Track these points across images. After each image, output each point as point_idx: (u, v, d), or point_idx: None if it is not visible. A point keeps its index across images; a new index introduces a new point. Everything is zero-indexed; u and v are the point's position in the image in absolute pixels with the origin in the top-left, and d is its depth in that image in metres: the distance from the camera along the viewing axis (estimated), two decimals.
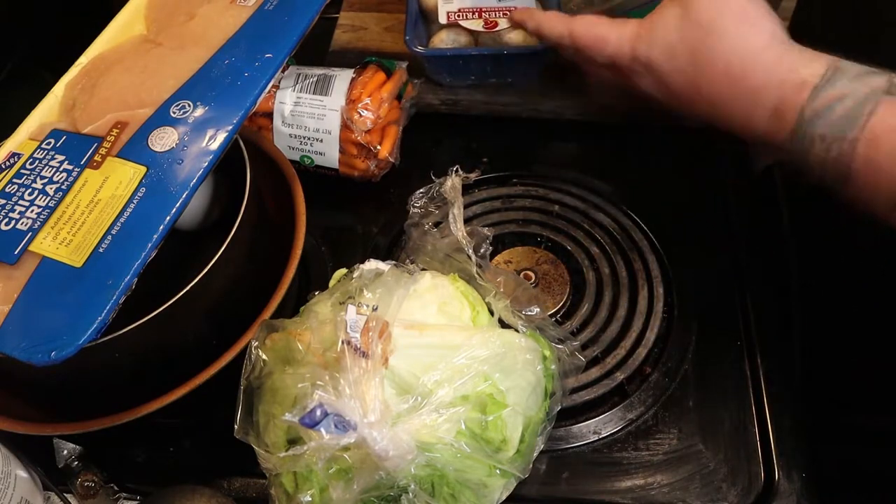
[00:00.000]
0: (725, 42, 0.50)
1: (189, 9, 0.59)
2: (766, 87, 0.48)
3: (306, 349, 0.47)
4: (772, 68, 0.48)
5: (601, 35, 0.55)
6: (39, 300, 0.46)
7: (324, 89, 0.70)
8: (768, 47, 0.49)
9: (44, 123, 0.55)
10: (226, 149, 0.51)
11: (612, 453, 0.57)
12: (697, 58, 0.51)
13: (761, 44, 0.49)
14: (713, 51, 0.50)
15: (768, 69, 0.48)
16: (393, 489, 0.45)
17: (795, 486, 0.54)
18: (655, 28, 0.53)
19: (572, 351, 0.54)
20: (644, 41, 0.53)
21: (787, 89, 0.47)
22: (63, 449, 0.53)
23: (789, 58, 0.48)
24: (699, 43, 0.50)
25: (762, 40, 0.49)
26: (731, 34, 0.49)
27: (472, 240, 0.57)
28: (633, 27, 0.54)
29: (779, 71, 0.48)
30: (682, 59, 0.51)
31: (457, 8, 0.76)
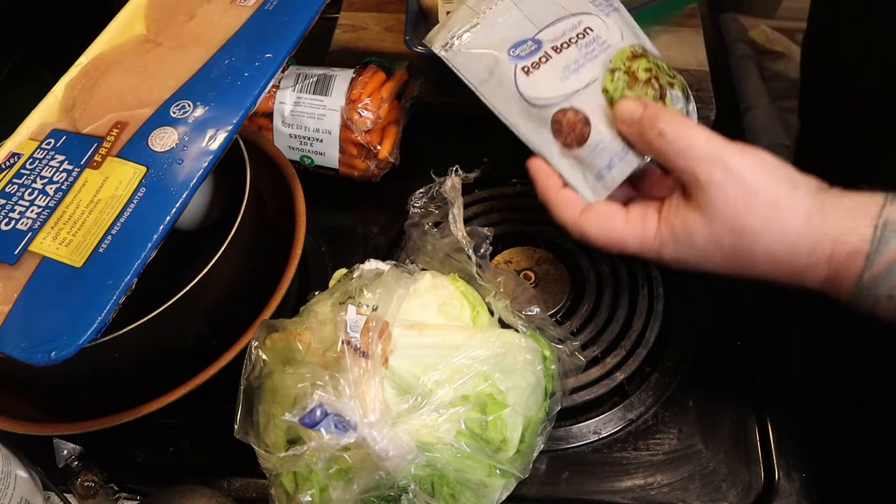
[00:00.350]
0: (762, 239, 0.47)
1: (189, 9, 0.59)
2: (816, 265, 0.46)
3: (306, 349, 0.47)
4: (817, 246, 0.46)
5: (618, 240, 0.51)
6: (39, 300, 0.46)
7: (324, 89, 0.70)
8: (807, 225, 0.46)
9: (44, 123, 0.55)
10: (226, 149, 0.51)
11: (612, 453, 0.57)
12: (735, 255, 0.48)
13: (799, 225, 0.46)
14: (751, 246, 0.47)
15: (814, 248, 0.46)
16: (393, 489, 0.45)
17: (795, 486, 0.54)
18: (679, 235, 0.49)
19: (572, 351, 0.54)
20: (670, 247, 0.50)
21: (839, 261, 0.45)
22: (63, 449, 0.53)
23: (833, 228, 0.45)
24: (734, 244, 0.47)
25: (799, 222, 0.46)
26: (765, 230, 0.46)
27: (472, 240, 0.57)
28: (652, 228, 0.50)
29: (825, 246, 0.45)
30: (717, 257, 0.49)
31: None
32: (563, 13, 0.55)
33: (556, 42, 0.54)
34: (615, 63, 0.53)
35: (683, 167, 0.48)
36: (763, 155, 0.47)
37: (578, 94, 0.53)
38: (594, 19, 0.55)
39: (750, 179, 0.46)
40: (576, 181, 0.53)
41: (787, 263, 0.47)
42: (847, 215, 0.45)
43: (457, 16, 0.57)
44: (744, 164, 0.47)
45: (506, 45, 0.54)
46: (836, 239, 0.45)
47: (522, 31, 0.54)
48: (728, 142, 0.48)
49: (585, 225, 0.52)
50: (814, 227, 0.46)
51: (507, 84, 0.54)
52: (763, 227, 0.46)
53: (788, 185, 0.47)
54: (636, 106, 0.51)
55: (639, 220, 0.51)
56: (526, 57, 0.54)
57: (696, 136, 0.48)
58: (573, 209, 0.53)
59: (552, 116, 0.53)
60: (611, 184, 0.52)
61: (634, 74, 0.53)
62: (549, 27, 0.54)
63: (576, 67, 0.53)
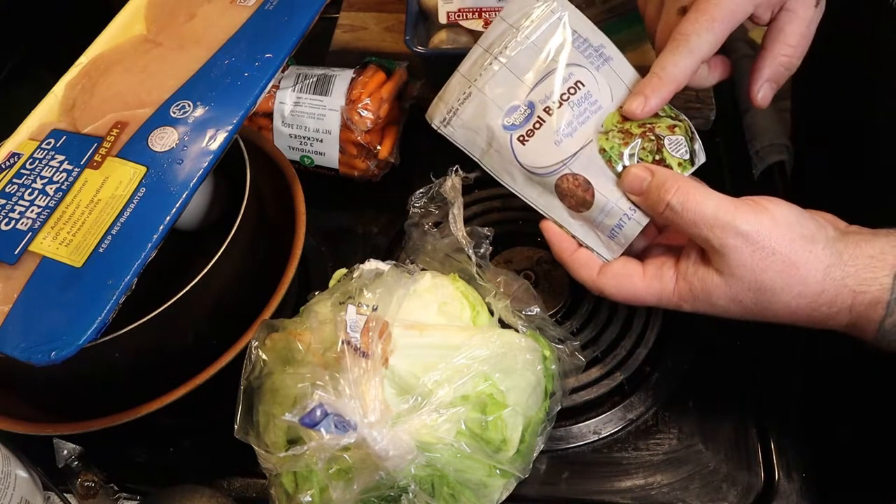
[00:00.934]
0: (781, 297, 0.47)
1: (189, 9, 0.59)
2: (838, 314, 0.47)
3: (306, 349, 0.47)
4: (837, 297, 0.46)
5: (638, 297, 0.52)
6: (39, 300, 0.46)
7: (324, 89, 0.70)
8: (826, 278, 0.46)
9: (44, 123, 0.55)
10: (226, 149, 0.51)
11: (612, 453, 0.57)
12: (755, 311, 0.49)
13: (818, 279, 0.46)
14: (771, 303, 0.48)
15: (834, 300, 0.46)
16: (393, 489, 0.45)
17: (795, 486, 0.54)
18: (698, 293, 0.50)
19: (572, 351, 0.54)
20: (689, 303, 0.51)
21: (860, 310, 0.46)
22: (63, 449, 0.53)
23: (852, 279, 0.46)
24: (754, 301, 0.48)
25: (818, 277, 0.46)
26: (785, 290, 0.47)
27: (472, 240, 0.57)
28: (670, 288, 0.51)
29: (845, 297, 0.46)
30: (736, 312, 0.49)
31: (457, 8, 0.76)
32: (552, 66, 0.54)
33: (548, 102, 0.53)
34: (607, 125, 0.53)
35: (697, 235, 0.48)
36: (778, 210, 0.47)
37: (576, 157, 0.52)
38: (584, 72, 0.54)
39: (766, 242, 0.46)
40: (589, 241, 0.54)
41: (808, 315, 0.47)
42: (866, 265, 0.46)
43: (451, 86, 0.56)
44: (759, 226, 0.47)
45: (500, 114, 0.54)
46: (855, 289, 0.46)
47: (514, 93, 0.54)
48: (740, 203, 0.48)
49: (603, 284, 0.53)
50: (833, 279, 0.46)
51: (505, 154, 0.54)
52: (783, 287, 0.47)
53: (806, 241, 0.47)
54: (641, 176, 0.50)
55: (656, 278, 0.51)
56: (520, 126, 0.54)
57: (706, 205, 0.47)
58: (590, 269, 0.53)
59: (554, 183, 0.53)
60: (624, 241, 0.53)
61: (628, 131, 0.52)
62: (540, 83, 0.54)
63: (569, 132, 0.53)
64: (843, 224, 0.50)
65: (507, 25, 0.55)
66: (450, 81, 0.57)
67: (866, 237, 0.47)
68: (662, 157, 0.52)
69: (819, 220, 0.48)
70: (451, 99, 0.56)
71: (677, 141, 0.53)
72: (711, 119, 0.76)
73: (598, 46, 0.54)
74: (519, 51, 0.54)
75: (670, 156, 0.52)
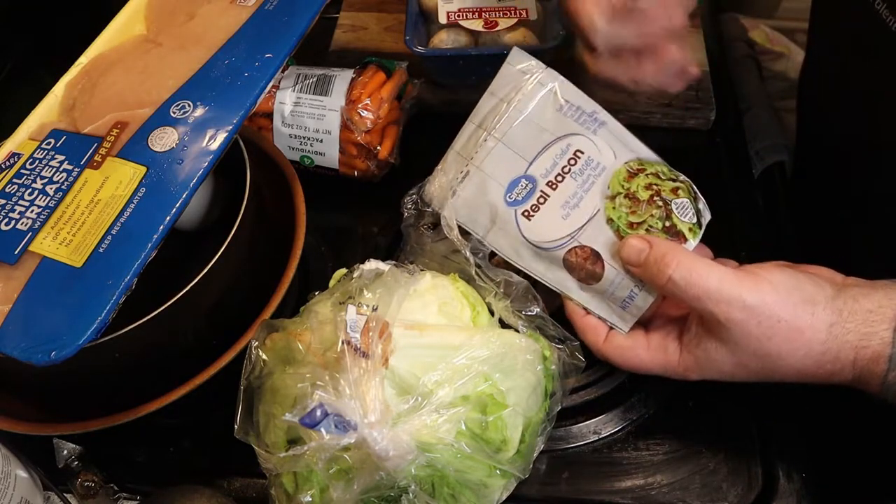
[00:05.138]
0: (787, 361, 0.48)
1: (189, 9, 0.59)
2: (842, 370, 0.47)
3: (306, 349, 0.47)
4: (840, 353, 0.47)
5: (643, 368, 0.53)
6: (39, 300, 0.46)
7: (324, 89, 0.70)
8: (829, 337, 0.47)
9: (44, 123, 0.55)
10: (226, 149, 0.51)
11: (612, 453, 0.57)
12: (761, 375, 0.49)
13: (822, 339, 0.47)
14: (778, 368, 0.48)
15: (837, 356, 0.47)
16: (393, 489, 0.45)
17: (795, 486, 0.54)
18: (703, 363, 0.50)
19: (572, 351, 0.54)
20: (695, 373, 0.51)
21: (862, 364, 0.47)
22: (63, 449, 0.53)
23: (853, 335, 0.47)
24: (760, 366, 0.49)
25: (822, 337, 0.47)
26: (790, 354, 0.47)
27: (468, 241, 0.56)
28: (675, 359, 0.51)
29: (847, 353, 0.47)
30: (742, 377, 0.50)
31: (457, 8, 0.76)
32: (549, 139, 0.54)
33: (550, 176, 0.53)
34: (613, 188, 0.53)
35: (702, 309, 0.48)
36: (776, 278, 0.48)
37: (583, 229, 0.52)
38: (582, 140, 0.53)
39: (771, 311, 0.47)
40: (602, 313, 0.54)
41: (813, 373, 0.48)
42: (865, 320, 0.47)
43: (447, 164, 0.56)
44: (762, 297, 0.47)
45: (501, 190, 0.54)
46: (857, 345, 0.46)
47: (514, 167, 0.54)
48: (741, 275, 0.48)
49: (608, 353, 0.54)
50: (835, 336, 0.47)
51: (511, 230, 0.54)
52: (788, 352, 0.47)
53: (808, 306, 0.47)
54: (639, 248, 0.50)
55: (660, 350, 0.52)
56: (524, 201, 0.53)
57: (709, 280, 0.47)
58: (597, 336, 0.54)
59: (563, 257, 0.53)
60: (636, 312, 0.53)
61: (635, 196, 0.52)
62: (538, 157, 0.53)
63: (575, 202, 0.53)
64: (839, 277, 0.50)
65: (497, 100, 0.55)
66: (445, 159, 0.57)
67: (864, 291, 0.48)
68: (673, 224, 0.52)
69: (816, 279, 0.49)
70: (449, 178, 0.55)
71: (683, 204, 0.52)
72: (711, 119, 0.76)
73: (591, 113, 0.54)
74: (513, 125, 0.54)
75: (680, 221, 0.52)
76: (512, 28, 0.74)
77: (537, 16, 0.76)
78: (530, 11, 0.75)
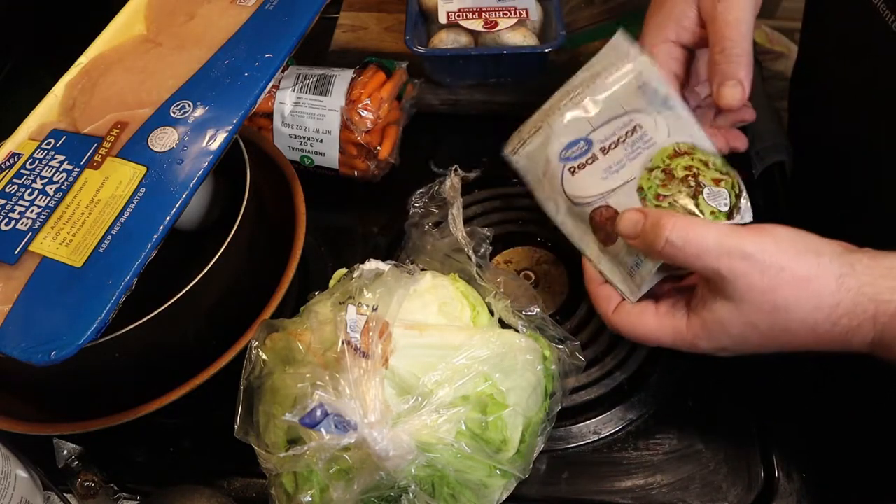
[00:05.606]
0: (797, 313, 0.46)
1: (189, 9, 0.59)
2: (860, 327, 0.45)
3: (306, 349, 0.47)
4: (856, 308, 0.45)
5: (652, 337, 0.52)
6: (39, 300, 0.46)
7: (324, 89, 0.70)
8: (841, 288, 0.45)
9: (44, 123, 0.55)
10: (226, 149, 0.51)
11: (612, 453, 0.57)
12: (772, 334, 0.47)
13: (832, 291, 0.45)
14: (787, 322, 0.46)
15: (853, 310, 0.45)
16: (393, 489, 0.45)
17: (795, 486, 0.54)
18: (711, 326, 0.49)
19: (572, 351, 0.54)
20: (704, 340, 0.50)
21: (883, 321, 0.44)
22: (63, 449, 0.53)
23: (870, 288, 0.44)
24: (769, 323, 0.47)
25: (831, 288, 0.45)
26: (798, 303, 0.45)
27: (472, 240, 0.57)
28: (683, 322, 0.50)
29: (865, 307, 0.44)
30: (754, 339, 0.48)
31: (457, 8, 0.76)
32: (619, 112, 0.55)
33: (606, 143, 0.55)
34: (655, 161, 0.53)
35: (703, 268, 0.47)
36: (779, 230, 0.47)
37: (615, 192, 0.53)
38: (645, 117, 0.54)
39: (773, 260, 0.46)
40: (615, 279, 0.55)
41: (828, 331, 0.46)
42: (886, 274, 0.45)
43: (530, 121, 0.59)
44: (764, 246, 0.46)
45: (560, 146, 0.56)
46: (876, 298, 0.44)
47: (579, 130, 0.56)
48: (741, 229, 0.47)
49: (617, 321, 0.53)
50: (848, 289, 0.45)
51: (555, 183, 0.56)
52: (796, 302, 0.46)
53: (813, 254, 0.46)
54: (634, 219, 0.50)
55: (668, 317, 0.51)
56: (575, 158, 0.55)
57: (708, 236, 0.47)
58: (609, 304, 0.54)
59: (589, 214, 0.54)
60: (640, 282, 0.53)
61: (671, 172, 0.52)
62: (603, 126, 0.55)
63: (617, 168, 0.54)
64: (851, 246, 0.48)
65: (590, 74, 0.57)
66: (531, 118, 0.60)
67: (882, 252, 0.46)
68: (697, 204, 0.51)
69: (822, 238, 0.48)
70: (525, 131, 0.59)
71: (719, 193, 0.52)
72: None
73: (664, 97, 0.55)
74: (594, 97, 0.56)
75: (705, 203, 0.51)
76: (512, 28, 0.74)
77: (537, 16, 0.76)
78: (530, 11, 0.75)
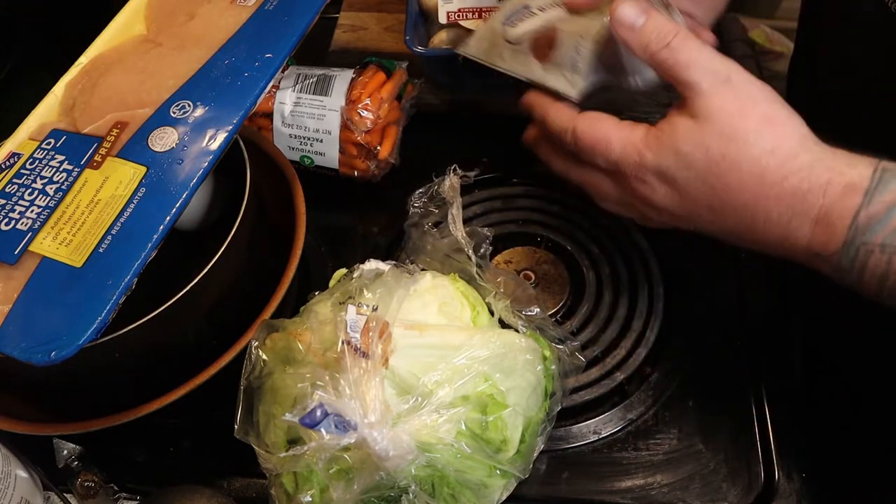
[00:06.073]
0: (752, 147, 0.44)
1: (189, 9, 0.59)
2: (808, 192, 0.43)
3: (306, 349, 0.47)
4: (811, 170, 0.43)
5: (604, 136, 0.49)
6: (39, 300, 0.46)
7: (324, 89, 0.70)
8: (803, 148, 0.44)
9: (44, 123, 0.55)
10: (226, 149, 0.51)
11: (612, 453, 0.57)
12: (721, 165, 0.45)
13: (794, 144, 0.44)
14: (739, 156, 0.45)
15: (806, 171, 0.43)
16: (393, 489, 0.45)
17: (795, 486, 0.54)
18: (664, 136, 0.47)
19: (572, 351, 0.54)
20: (652, 148, 0.47)
21: (833, 194, 0.42)
22: (63, 449, 0.53)
23: (829, 159, 0.43)
24: (721, 151, 0.45)
25: (794, 141, 0.44)
26: (758, 138, 0.44)
27: (472, 240, 0.57)
28: (640, 133, 0.48)
29: (819, 173, 0.43)
30: (700, 167, 0.46)
31: (457, 8, 0.76)
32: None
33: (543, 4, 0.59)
34: None
35: (686, 79, 0.47)
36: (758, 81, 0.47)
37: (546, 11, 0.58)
38: None
39: (751, 92, 0.46)
40: (559, 84, 0.55)
41: (776, 184, 0.44)
42: (846, 154, 0.44)
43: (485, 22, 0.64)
44: (748, 79, 0.46)
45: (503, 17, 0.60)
46: (832, 168, 0.43)
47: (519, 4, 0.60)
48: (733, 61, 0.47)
49: (577, 123, 0.51)
50: (809, 149, 0.44)
51: (497, 39, 0.60)
52: (755, 136, 0.45)
53: (788, 109, 0.46)
54: (638, 12, 0.49)
55: (628, 125, 0.50)
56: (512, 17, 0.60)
57: (703, 51, 0.47)
58: (568, 115, 0.52)
59: (528, 43, 0.57)
60: (583, 66, 0.54)
61: None
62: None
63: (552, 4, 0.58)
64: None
65: None
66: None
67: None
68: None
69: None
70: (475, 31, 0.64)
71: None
72: None
73: None
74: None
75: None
76: None
77: None
78: None
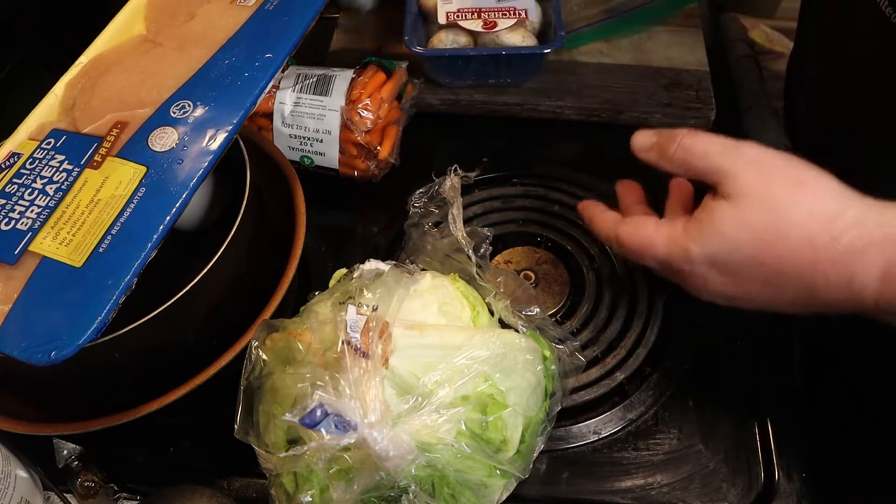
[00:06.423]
0: (794, 212, 0.44)
1: (189, 9, 0.59)
2: (865, 251, 0.42)
3: (306, 349, 0.47)
4: (862, 227, 0.42)
5: (648, 239, 0.51)
6: (39, 300, 0.46)
7: (324, 89, 0.70)
8: (844, 205, 0.43)
9: (44, 123, 0.55)
10: (226, 149, 0.51)
11: (612, 453, 0.57)
12: (767, 238, 0.45)
13: (828, 199, 0.44)
14: (784, 224, 0.45)
15: (857, 229, 0.42)
16: (393, 489, 0.45)
17: (795, 486, 0.54)
18: (705, 224, 0.48)
19: (572, 351, 0.54)
20: (696, 240, 0.48)
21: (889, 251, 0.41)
22: (63, 449, 0.53)
23: (877, 214, 0.42)
24: (764, 223, 0.45)
25: (827, 195, 0.44)
26: (796, 202, 0.45)
27: (472, 240, 0.57)
28: (680, 226, 0.50)
29: (871, 230, 0.42)
30: (747, 245, 0.46)
31: (456, 8, 0.76)
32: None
33: None
34: None
35: (707, 166, 0.49)
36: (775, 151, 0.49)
37: None
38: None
39: (773, 162, 0.48)
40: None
41: (828, 245, 0.43)
42: (889, 205, 0.43)
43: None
44: (762, 152, 0.48)
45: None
46: (884, 223, 0.42)
47: None
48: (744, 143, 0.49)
49: (620, 231, 0.54)
50: (851, 205, 0.44)
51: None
52: (793, 202, 0.45)
53: (813, 168, 0.47)
54: (649, 135, 0.53)
55: (668, 223, 0.52)
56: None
57: (714, 139, 0.50)
58: (611, 223, 0.55)
59: None
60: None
61: None
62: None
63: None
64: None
65: None
66: None
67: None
68: None
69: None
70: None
71: None
72: (711, 119, 0.76)
73: None
74: None
75: None
76: (511, 28, 0.74)
77: (536, 16, 0.76)
78: (529, 12, 0.75)
